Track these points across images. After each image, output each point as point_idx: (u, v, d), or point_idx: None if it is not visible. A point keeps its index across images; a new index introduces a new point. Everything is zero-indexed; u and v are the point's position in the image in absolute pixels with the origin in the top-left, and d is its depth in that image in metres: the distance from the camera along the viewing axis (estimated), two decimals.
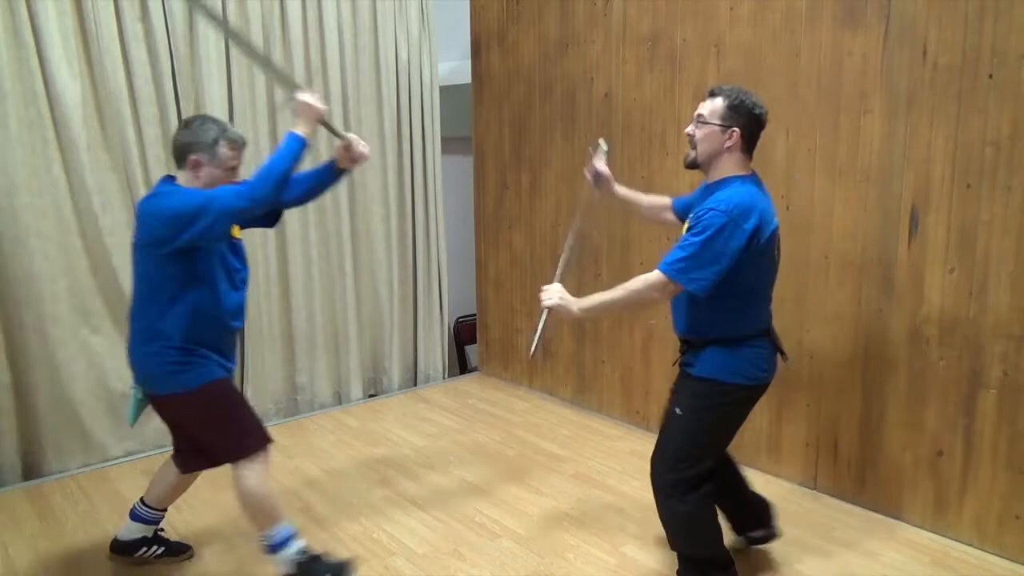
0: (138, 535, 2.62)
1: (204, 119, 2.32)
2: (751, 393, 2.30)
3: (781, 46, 3.07)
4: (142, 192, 3.48)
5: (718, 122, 2.18)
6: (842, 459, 3.08)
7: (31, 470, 3.37)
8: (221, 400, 2.36)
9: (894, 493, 2.93)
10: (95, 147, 3.35)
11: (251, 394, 3.94)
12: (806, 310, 3.12)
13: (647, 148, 3.66)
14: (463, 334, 5.29)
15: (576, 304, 2.27)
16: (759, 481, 3.28)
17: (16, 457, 3.30)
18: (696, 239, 2.11)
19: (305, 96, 2.32)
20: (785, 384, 3.24)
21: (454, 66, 4.79)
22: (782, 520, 2.95)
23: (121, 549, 2.62)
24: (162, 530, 2.71)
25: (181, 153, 2.30)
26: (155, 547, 2.65)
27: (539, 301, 2.31)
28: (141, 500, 2.61)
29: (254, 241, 3.88)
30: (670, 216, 2.64)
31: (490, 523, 2.96)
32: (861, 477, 3.03)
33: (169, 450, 2.58)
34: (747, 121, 2.19)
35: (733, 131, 2.18)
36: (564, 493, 3.17)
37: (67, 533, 2.88)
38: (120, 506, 3.08)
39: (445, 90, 4.69)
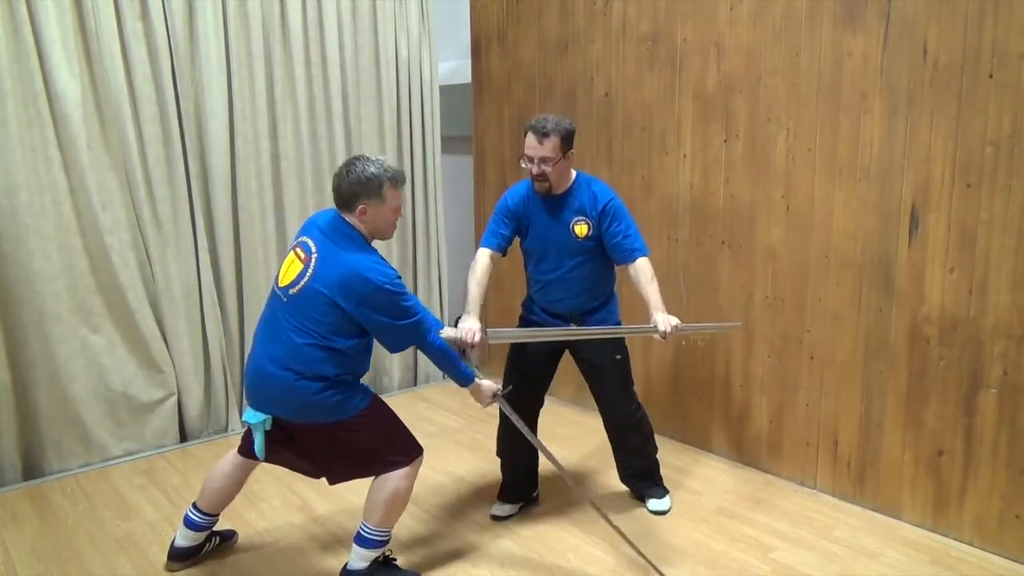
0: (197, 542, 2.63)
1: (366, 162, 2.32)
2: None
3: (781, 46, 3.07)
4: (142, 191, 3.49)
5: (561, 156, 2.64)
6: (842, 458, 3.09)
7: (31, 470, 3.36)
8: (385, 414, 2.47)
9: (894, 492, 2.94)
10: (95, 146, 3.34)
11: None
12: (806, 309, 3.13)
13: (647, 148, 3.66)
14: None
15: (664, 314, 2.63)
16: (759, 480, 3.29)
17: (16, 457, 3.30)
18: (629, 220, 2.75)
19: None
20: (785, 384, 3.24)
21: (454, 66, 4.79)
22: (783, 519, 2.96)
23: (181, 555, 2.62)
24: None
25: (348, 200, 2.32)
26: (212, 541, 2.70)
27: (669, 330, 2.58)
28: (195, 507, 2.59)
29: (254, 241, 3.88)
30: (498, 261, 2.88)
31: (490, 523, 2.96)
32: (861, 476, 3.03)
33: (167, 451, 2.57)
34: (573, 141, 2.69)
35: (570, 154, 2.69)
36: (565, 493, 3.17)
37: (67, 532, 2.88)
38: (120, 506, 3.09)
39: (445, 90, 4.68)
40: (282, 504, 3.10)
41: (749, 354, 3.36)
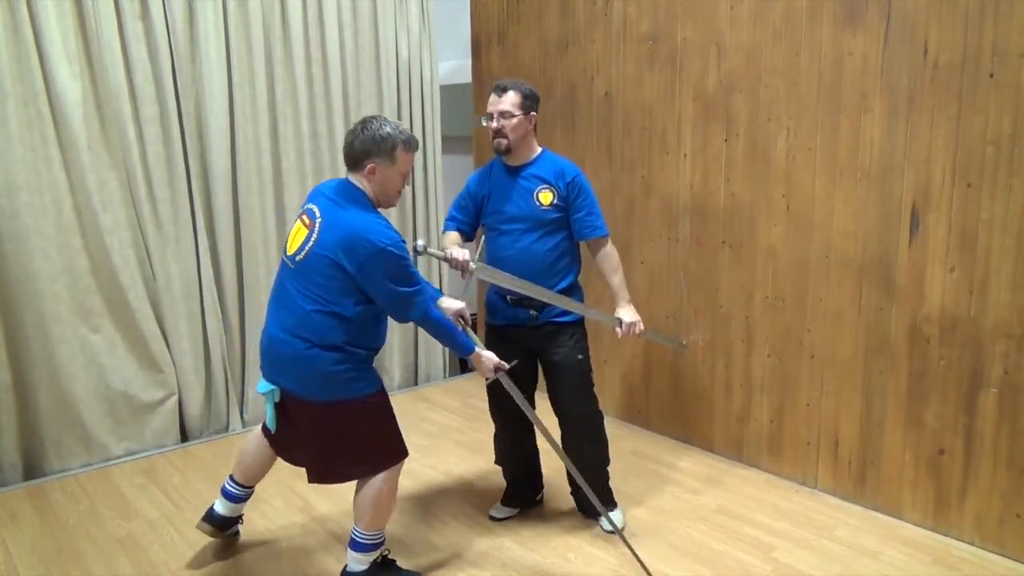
0: (235, 513, 2.67)
1: (381, 122, 2.29)
2: None
3: (781, 46, 3.07)
4: (142, 191, 3.49)
5: (521, 112, 2.62)
6: (843, 458, 3.09)
7: (32, 469, 3.36)
8: (385, 408, 2.42)
9: (895, 492, 2.94)
10: (95, 146, 3.34)
11: (253, 395, 3.95)
12: (807, 309, 3.13)
13: (647, 147, 3.66)
14: None
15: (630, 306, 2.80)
16: (760, 480, 3.29)
17: (17, 456, 3.30)
18: (594, 199, 2.73)
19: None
20: (786, 383, 3.24)
21: (454, 65, 4.79)
22: (783, 519, 2.96)
23: (218, 521, 2.63)
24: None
25: (358, 158, 2.29)
26: (237, 524, 2.74)
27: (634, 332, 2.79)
28: (231, 478, 2.63)
29: (255, 240, 3.88)
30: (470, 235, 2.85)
31: (491, 523, 2.96)
32: (862, 476, 3.04)
33: (168, 450, 2.57)
34: (537, 105, 2.69)
35: (532, 115, 2.67)
36: (565, 493, 3.17)
37: (68, 532, 2.88)
38: (121, 505, 3.09)
39: (445, 89, 4.68)
40: (283, 504, 3.10)
41: (749, 354, 3.36)
